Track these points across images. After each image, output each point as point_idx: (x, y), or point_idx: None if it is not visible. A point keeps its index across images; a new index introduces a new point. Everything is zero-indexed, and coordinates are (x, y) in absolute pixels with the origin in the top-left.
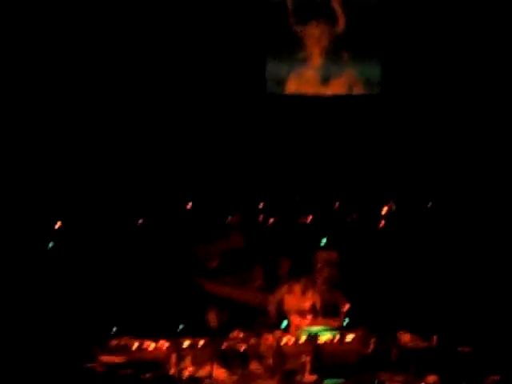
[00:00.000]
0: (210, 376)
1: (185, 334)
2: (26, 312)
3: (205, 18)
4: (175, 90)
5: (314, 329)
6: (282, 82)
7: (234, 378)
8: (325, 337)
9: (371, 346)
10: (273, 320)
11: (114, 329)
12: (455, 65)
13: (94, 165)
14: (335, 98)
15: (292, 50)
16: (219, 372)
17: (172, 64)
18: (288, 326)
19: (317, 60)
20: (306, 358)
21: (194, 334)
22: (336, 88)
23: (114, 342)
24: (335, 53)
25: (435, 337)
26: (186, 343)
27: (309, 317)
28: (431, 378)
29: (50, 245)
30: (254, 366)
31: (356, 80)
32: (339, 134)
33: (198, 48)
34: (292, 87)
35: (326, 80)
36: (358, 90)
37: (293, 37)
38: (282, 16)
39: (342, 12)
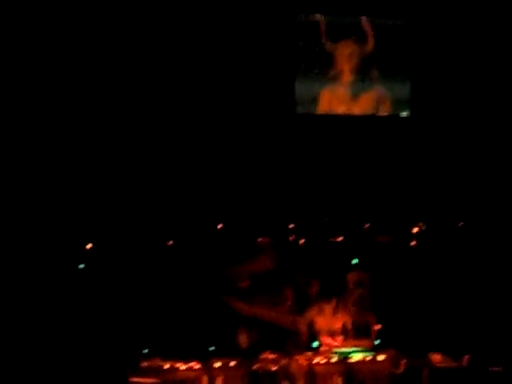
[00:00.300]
0: None
1: (216, 355)
2: (58, 334)
3: (235, 37)
4: (205, 110)
5: (345, 349)
6: (312, 100)
7: None
8: (356, 357)
9: (402, 367)
10: (304, 341)
11: (146, 350)
12: (487, 86)
13: (126, 187)
14: (365, 118)
15: (324, 69)
16: None
17: (202, 83)
18: (319, 346)
19: (347, 78)
20: (337, 379)
21: (225, 355)
22: (365, 105)
23: (145, 364)
24: (365, 71)
25: (466, 357)
26: (218, 364)
27: (339, 337)
28: None
29: (82, 266)
30: None
31: (385, 98)
32: (370, 155)
33: (226, 67)
34: (324, 104)
35: (355, 97)
36: (387, 108)
37: (324, 56)
38: (313, 36)
39: (371, 32)
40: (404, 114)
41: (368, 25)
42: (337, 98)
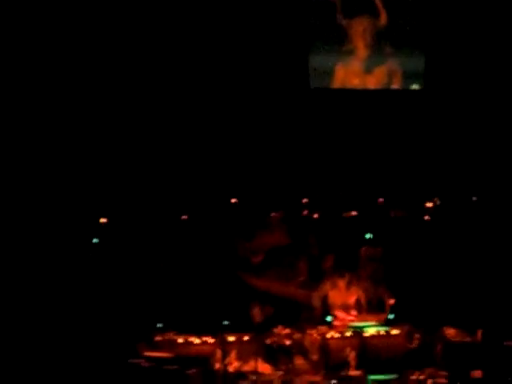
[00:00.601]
0: (254, 371)
1: (229, 330)
2: (71, 308)
3: (249, 11)
4: (218, 84)
5: (359, 324)
6: (326, 74)
7: (279, 373)
8: (369, 332)
9: (416, 341)
10: (317, 315)
11: (160, 324)
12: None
13: (139, 160)
14: (380, 92)
15: (338, 43)
16: (264, 367)
17: (215, 57)
18: (332, 321)
19: (361, 52)
20: (351, 354)
21: (238, 330)
22: (379, 79)
23: (159, 338)
24: (378, 46)
25: (480, 331)
26: (231, 338)
27: (353, 312)
28: (476, 373)
29: (95, 240)
30: (299, 361)
31: (398, 72)
32: (384, 128)
33: (240, 42)
34: (338, 78)
35: (369, 71)
36: (400, 82)
37: (338, 31)
38: (327, 11)
39: (383, 7)
40: (417, 87)
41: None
42: (351, 72)
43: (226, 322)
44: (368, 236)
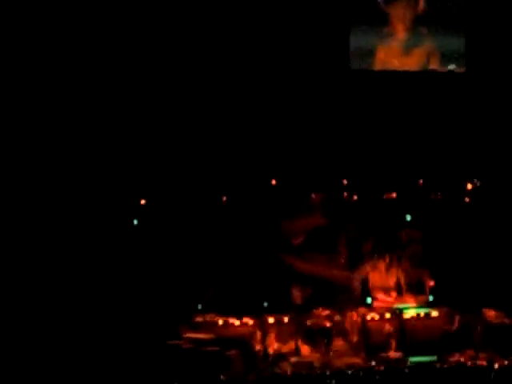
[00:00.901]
0: (294, 352)
1: (270, 311)
2: (114, 289)
3: None
4: (258, 66)
5: (399, 306)
6: (366, 56)
7: (319, 354)
8: (409, 314)
9: (456, 323)
10: (357, 297)
11: (200, 306)
12: None
13: (179, 142)
14: (420, 74)
15: (377, 26)
16: (304, 348)
17: (254, 35)
18: (372, 302)
19: (401, 34)
20: (391, 335)
21: (278, 311)
22: (418, 61)
23: (199, 319)
24: (417, 28)
25: None
26: (271, 320)
27: (393, 294)
28: None
29: (136, 222)
30: (339, 342)
31: (438, 53)
32: (424, 110)
33: (279, 23)
34: (378, 60)
35: (408, 53)
36: (440, 64)
37: (379, 13)
38: None
39: None
40: (454, 67)
41: None
42: (391, 54)
43: (266, 304)
44: (408, 218)
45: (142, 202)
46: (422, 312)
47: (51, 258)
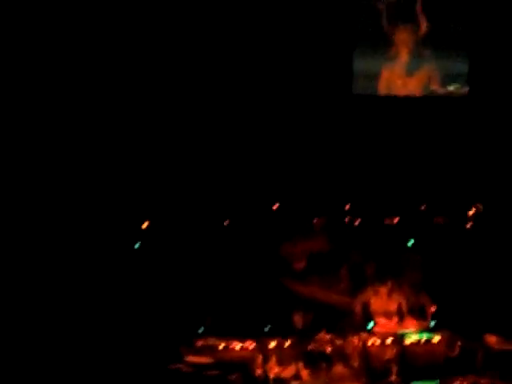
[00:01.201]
0: (295, 377)
1: (271, 335)
2: (114, 313)
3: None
4: (258, 88)
5: (400, 331)
6: (371, 79)
7: (320, 379)
8: (411, 339)
9: (457, 349)
10: (359, 321)
11: (201, 329)
12: None
13: (181, 166)
14: (422, 98)
15: (381, 49)
16: (304, 373)
17: (256, 59)
18: (374, 327)
19: (404, 56)
20: (392, 360)
21: (280, 335)
22: (420, 85)
23: (200, 343)
24: (420, 50)
25: None
26: (272, 344)
27: (395, 319)
28: None
29: (137, 245)
30: (340, 367)
31: (440, 76)
32: (426, 134)
33: (282, 44)
34: (381, 85)
35: (411, 77)
36: (443, 87)
37: (383, 36)
38: (371, 16)
39: (424, 15)
40: (461, 91)
41: (423, 7)
42: (393, 79)
43: (267, 328)
44: (410, 243)
45: (144, 225)
46: (424, 337)
47: (51, 280)
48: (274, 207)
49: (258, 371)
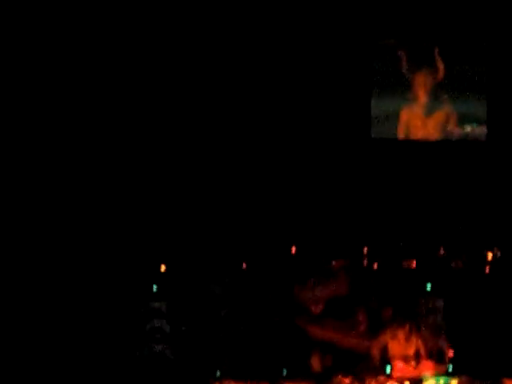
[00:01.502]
0: None
1: (289, 379)
2: (130, 354)
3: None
4: (276, 129)
5: (418, 375)
6: (390, 121)
7: None
8: (428, 383)
9: None
10: (376, 365)
11: (218, 372)
12: None
13: (196, 209)
14: (440, 142)
15: (399, 93)
16: None
17: (271, 103)
18: (391, 371)
19: (422, 99)
20: None
21: (297, 378)
22: (438, 129)
23: None
24: (437, 92)
25: None
26: None
27: (413, 363)
28: None
29: (155, 288)
30: None
31: (455, 114)
32: (444, 178)
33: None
34: (403, 123)
35: (429, 120)
36: (462, 131)
37: (400, 81)
38: (388, 61)
39: (442, 60)
40: (479, 133)
41: (441, 54)
42: (412, 123)
43: (285, 371)
44: (428, 286)
45: (162, 268)
46: (442, 381)
47: (65, 319)
48: (292, 250)
49: None
